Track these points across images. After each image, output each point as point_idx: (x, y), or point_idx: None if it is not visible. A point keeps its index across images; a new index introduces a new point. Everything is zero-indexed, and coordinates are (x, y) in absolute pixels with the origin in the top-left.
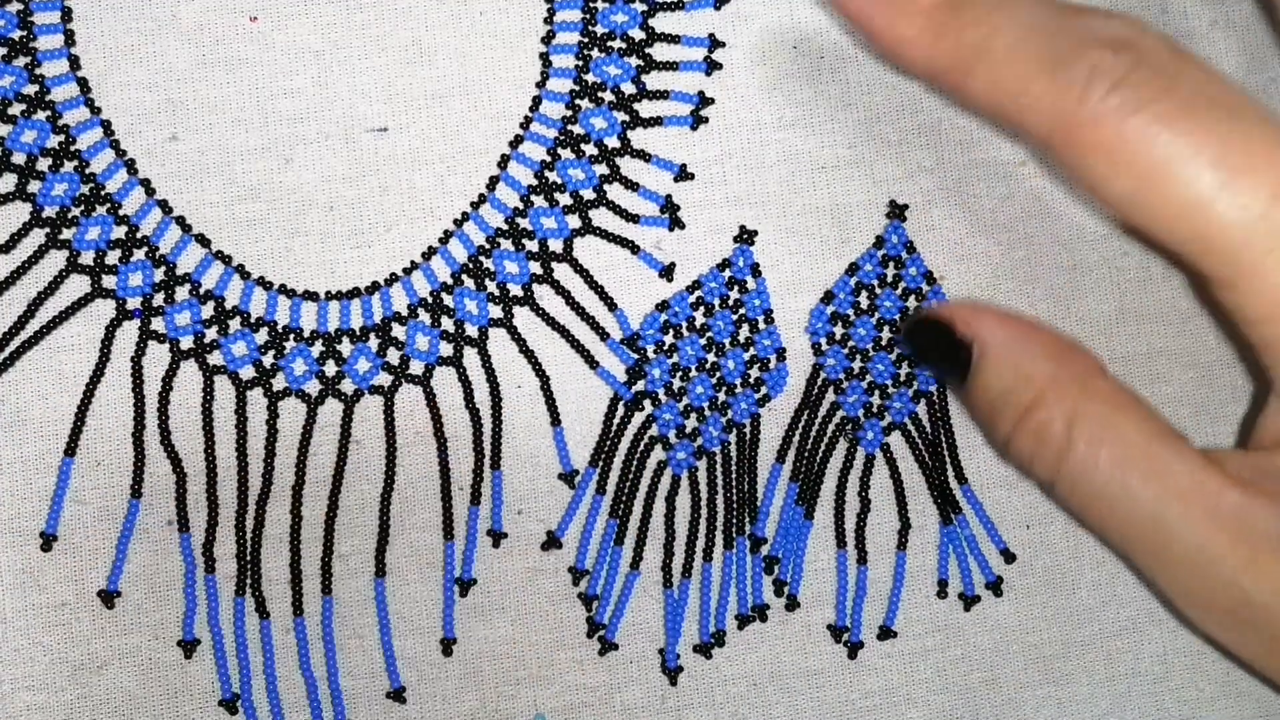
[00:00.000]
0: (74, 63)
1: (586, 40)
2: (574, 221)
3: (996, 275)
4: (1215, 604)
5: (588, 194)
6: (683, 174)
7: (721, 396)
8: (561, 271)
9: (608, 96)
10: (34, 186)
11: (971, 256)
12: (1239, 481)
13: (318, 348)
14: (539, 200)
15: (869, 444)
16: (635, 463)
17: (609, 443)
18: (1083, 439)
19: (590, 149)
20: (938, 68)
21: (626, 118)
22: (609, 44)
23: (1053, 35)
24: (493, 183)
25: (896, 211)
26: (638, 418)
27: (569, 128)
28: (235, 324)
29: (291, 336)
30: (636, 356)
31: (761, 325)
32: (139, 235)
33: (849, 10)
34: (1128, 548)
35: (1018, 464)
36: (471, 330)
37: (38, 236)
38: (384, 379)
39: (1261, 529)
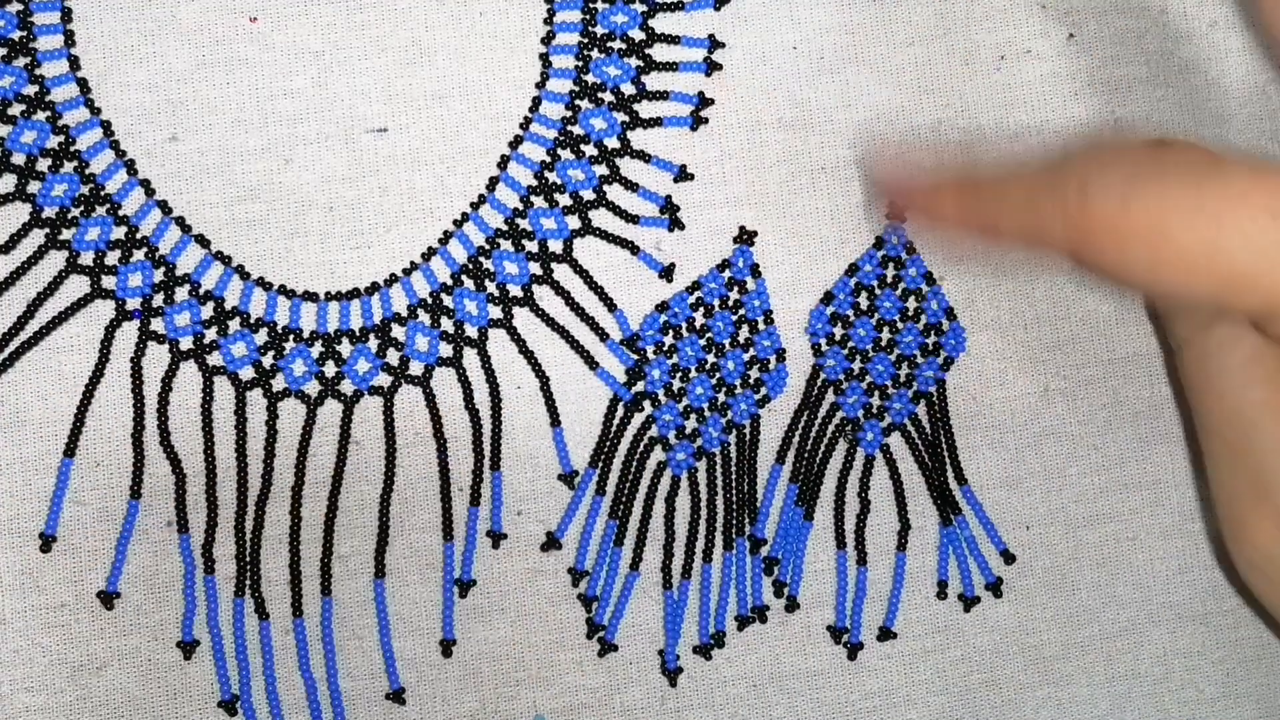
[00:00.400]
0: (74, 63)
1: (586, 41)
2: (574, 222)
3: (996, 276)
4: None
5: (587, 195)
6: (682, 175)
7: (721, 397)
8: (561, 272)
9: (607, 97)
10: (34, 187)
11: (971, 257)
12: None
13: (317, 348)
14: (539, 201)
15: (869, 445)
16: (635, 464)
17: (609, 444)
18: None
19: (590, 150)
20: (973, 229)
21: (626, 118)
22: (609, 45)
23: (1049, 171)
24: (492, 183)
25: (897, 212)
26: (637, 418)
27: (569, 128)
28: (235, 325)
29: (291, 337)
30: (636, 357)
31: (761, 326)
32: (139, 236)
33: (898, 197)
34: (1208, 434)
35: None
36: (471, 331)
37: (37, 237)
38: (383, 380)
39: None
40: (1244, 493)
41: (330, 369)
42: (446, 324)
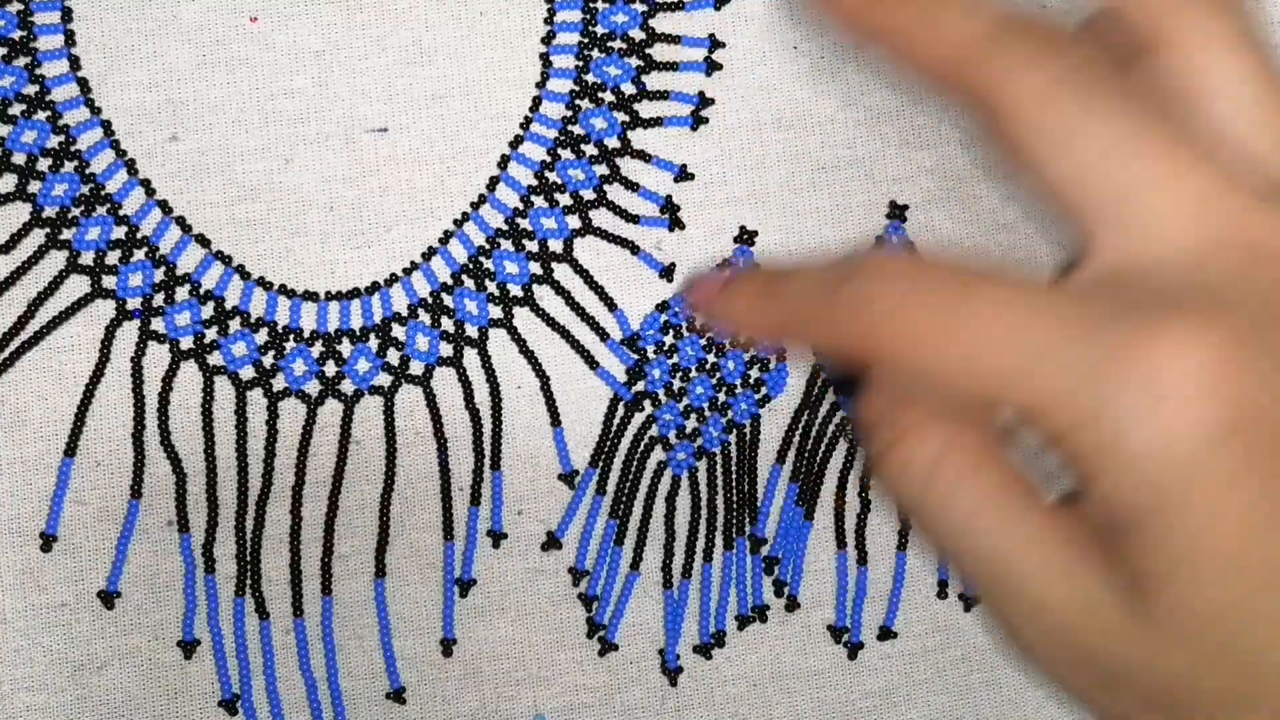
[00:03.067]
0: (74, 63)
1: (586, 41)
2: (574, 222)
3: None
4: (1050, 647)
5: (588, 194)
6: (683, 174)
7: (722, 397)
8: (561, 272)
9: (608, 97)
10: (34, 187)
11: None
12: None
13: (318, 348)
14: (539, 201)
15: None
16: (635, 463)
17: (609, 443)
18: (948, 474)
19: (590, 149)
20: (762, 331)
21: (626, 118)
22: (609, 44)
23: (831, 272)
24: (493, 183)
25: (897, 212)
26: (638, 418)
27: (569, 128)
28: (235, 324)
29: (291, 337)
30: (636, 357)
31: None
32: (139, 235)
33: (692, 296)
34: (971, 582)
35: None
36: (471, 331)
37: (38, 237)
38: (384, 379)
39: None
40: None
41: (331, 368)
42: (447, 324)
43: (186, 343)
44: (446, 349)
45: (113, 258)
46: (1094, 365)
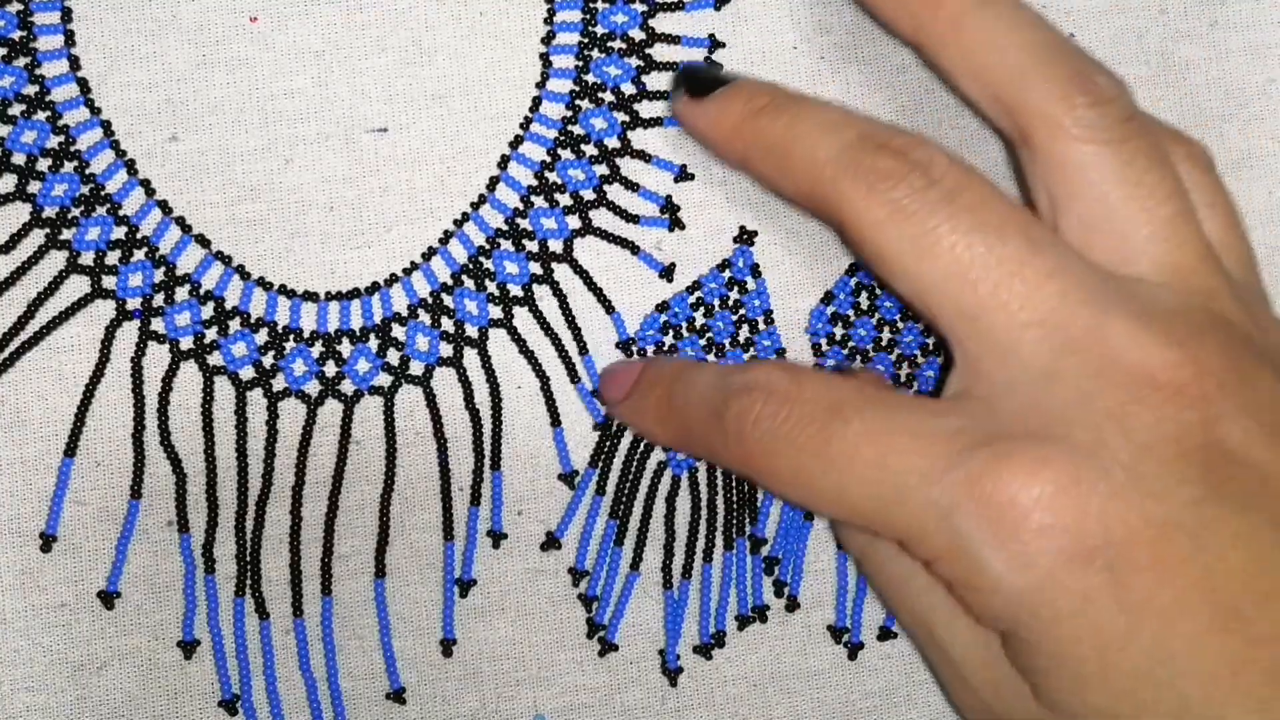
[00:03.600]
0: (74, 63)
1: (586, 41)
2: (574, 222)
3: None
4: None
5: (588, 194)
6: (683, 174)
7: None
8: (562, 272)
9: (608, 97)
10: (34, 187)
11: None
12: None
13: (317, 348)
14: (539, 201)
15: None
16: (635, 463)
17: (609, 443)
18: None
19: (590, 149)
20: (666, 437)
21: (627, 118)
22: (609, 44)
23: (719, 392)
24: (493, 183)
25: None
26: None
27: (569, 128)
28: (235, 324)
29: (291, 337)
30: (604, 410)
31: (762, 326)
32: (139, 236)
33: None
34: (903, 625)
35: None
36: (471, 331)
37: (37, 237)
38: (384, 379)
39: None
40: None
41: (331, 369)
42: (447, 324)
43: (186, 343)
44: (446, 349)
45: (113, 258)
46: (950, 503)
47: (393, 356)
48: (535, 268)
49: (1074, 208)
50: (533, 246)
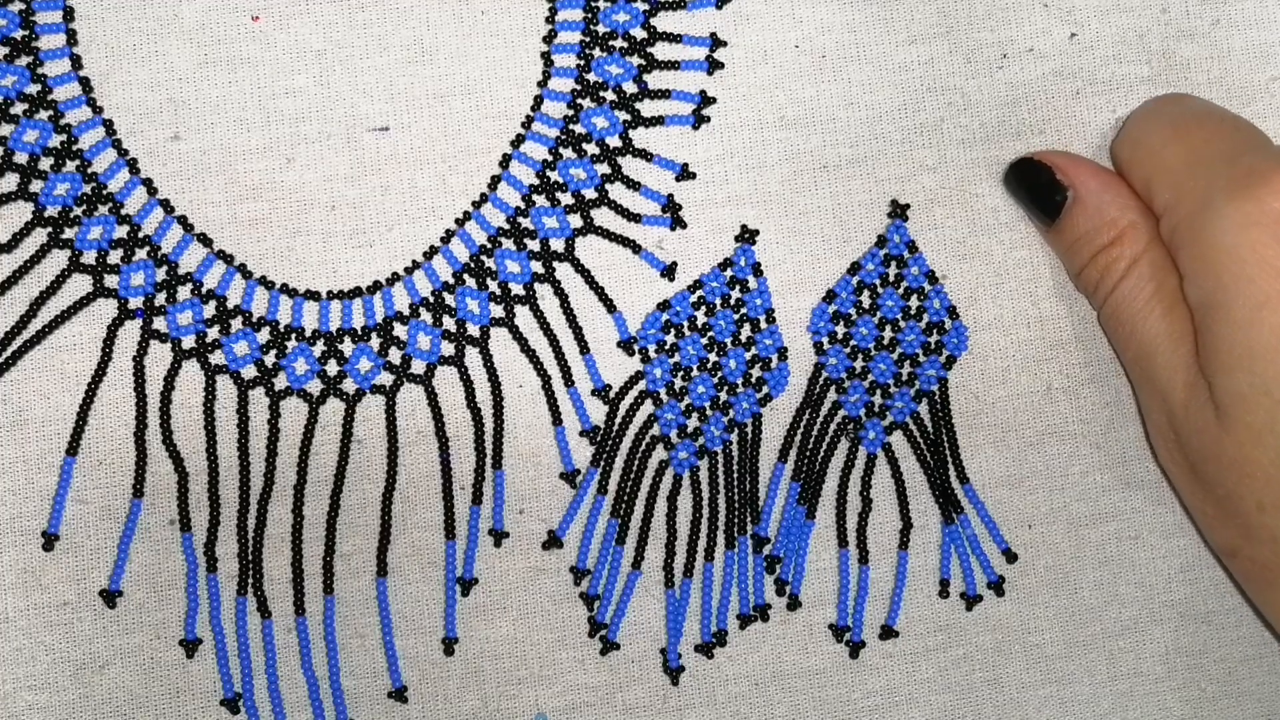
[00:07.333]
0: (76, 62)
1: (588, 39)
2: (576, 221)
3: (998, 274)
4: (1163, 435)
5: (589, 193)
6: (684, 173)
7: (723, 396)
8: (563, 271)
9: (609, 95)
10: (36, 186)
11: (973, 255)
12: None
13: (319, 347)
14: (541, 199)
15: (870, 443)
16: (637, 462)
17: (610, 442)
18: (1135, 274)
19: (592, 148)
20: None
21: (628, 117)
22: (611, 43)
23: None
24: (494, 182)
25: (898, 211)
26: (639, 417)
27: (571, 127)
28: (237, 323)
29: (293, 336)
30: (594, 424)
31: (763, 324)
32: (141, 235)
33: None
34: (1129, 367)
35: (1083, 288)
36: (473, 329)
37: (40, 236)
38: (386, 378)
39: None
40: (1155, 415)
41: (332, 368)
42: (449, 322)
43: (188, 342)
44: (448, 348)
45: (115, 257)
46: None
47: (394, 355)
48: (537, 266)
49: None
50: (534, 245)
